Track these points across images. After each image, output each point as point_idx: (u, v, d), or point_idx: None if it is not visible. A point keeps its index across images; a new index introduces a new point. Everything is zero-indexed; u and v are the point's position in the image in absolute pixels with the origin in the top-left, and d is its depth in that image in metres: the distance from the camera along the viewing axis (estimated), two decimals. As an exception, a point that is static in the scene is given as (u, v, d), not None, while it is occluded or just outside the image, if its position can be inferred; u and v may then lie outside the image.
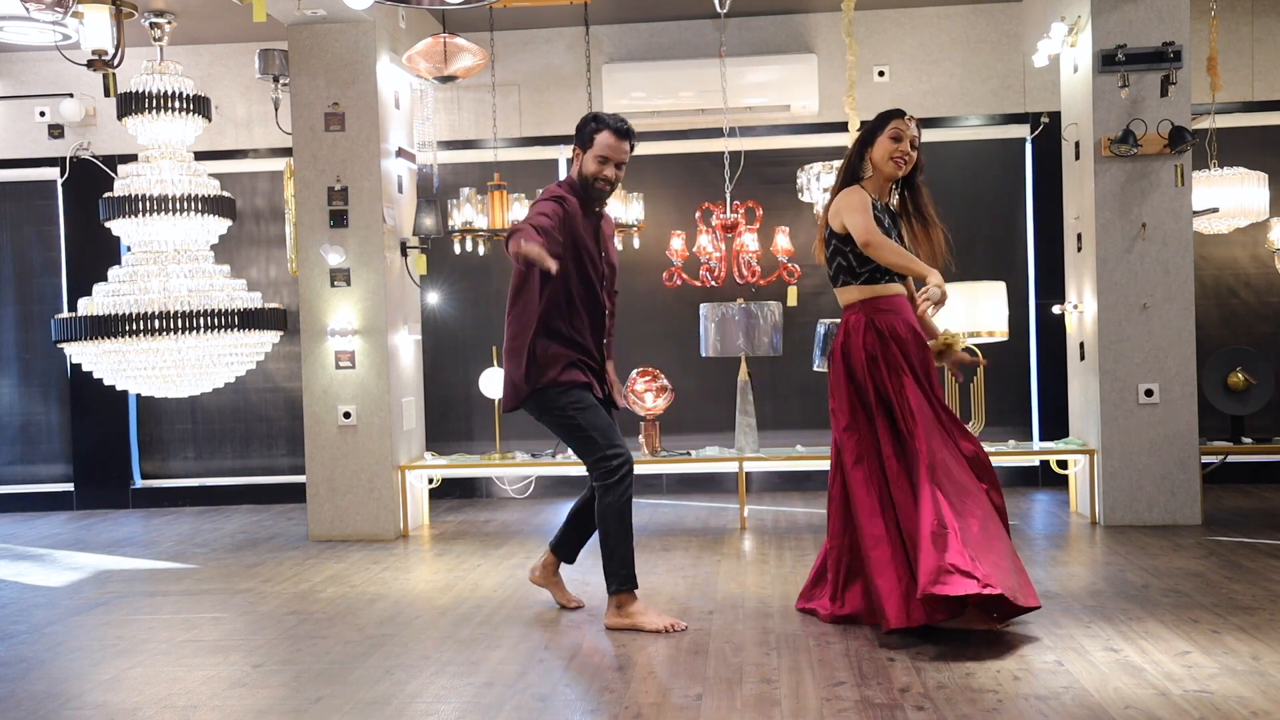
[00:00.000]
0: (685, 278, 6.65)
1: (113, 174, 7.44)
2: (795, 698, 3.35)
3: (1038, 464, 7.49)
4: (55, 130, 7.92)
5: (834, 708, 3.25)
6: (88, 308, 5.99)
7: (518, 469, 7.30)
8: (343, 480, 6.49)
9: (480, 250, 6.87)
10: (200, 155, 6.89)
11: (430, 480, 6.99)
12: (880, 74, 7.57)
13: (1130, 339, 6.06)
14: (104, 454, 8.00)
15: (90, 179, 7.83)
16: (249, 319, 6.05)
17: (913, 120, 4.30)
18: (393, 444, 6.50)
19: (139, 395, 7.82)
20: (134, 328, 5.81)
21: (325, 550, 6.12)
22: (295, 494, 7.76)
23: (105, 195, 6.21)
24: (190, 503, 8.00)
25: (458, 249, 6.97)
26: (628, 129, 4.44)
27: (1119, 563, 5.14)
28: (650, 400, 6.60)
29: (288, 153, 7.43)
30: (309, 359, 6.53)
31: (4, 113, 7.95)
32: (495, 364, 6.88)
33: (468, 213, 6.72)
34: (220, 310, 5.95)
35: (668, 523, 6.63)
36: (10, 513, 7.96)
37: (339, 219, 6.46)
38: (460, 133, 7.75)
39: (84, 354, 6.06)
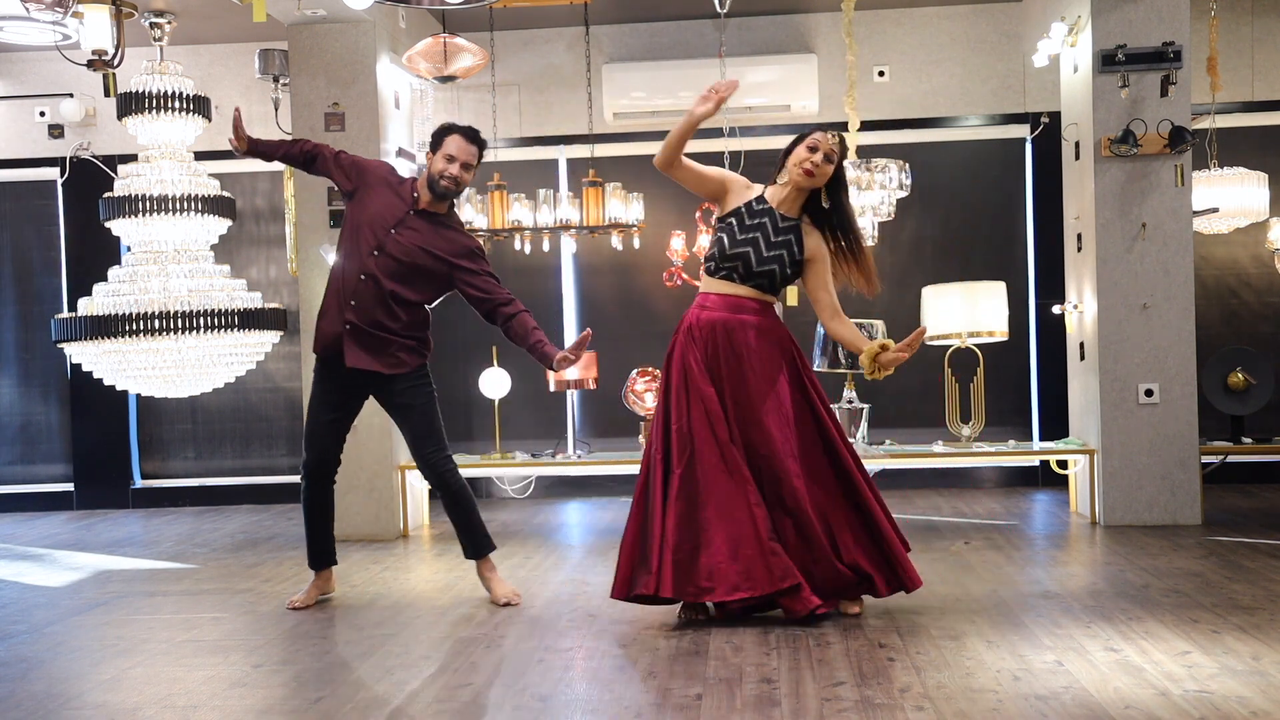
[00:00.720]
0: (685, 278, 6.65)
1: (113, 174, 7.43)
2: (795, 698, 3.35)
3: (1038, 464, 7.49)
4: (55, 130, 7.92)
5: (834, 708, 3.25)
6: (88, 308, 5.99)
7: (518, 469, 7.30)
8: (343, 480, 6.45)
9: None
10: (200, 155, 6.87)
11: (430, 480, 6.99)
12: (880, 74, 7.57)
13: (1130, 339, 6.06)
14: (104, 454, 8.00)
15: (90, 179, 7.83)
16: (249, 319, 6.05)
17: (837, 138, 4.30)
18: (393, 444, 6.50)
19: (139, 395, 7.82)
20: (134, 328, 5.81)
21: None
22: (295, 494, 7.73)
23: (105, 195, 6.21)
24: (190, 503, 8.00)
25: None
26: (477, 135, 4.70)
27: (1119, 563, 5.14)
28: (650, 400, 6.60)
29: (288, 153, 7.42)
30: (309, 359, 6.52)
31: (4, 113, 7.96)
32: (495, 364, 6.88)
33: (468, 213, 6.72)
34: (220, 310, 5.95)
35: (668, 523, 6.62)
36: (10, 513, 7.96)
37: (339, 219, 6.46)
38: (460, 133, 7.74)
39: (84, 354, 6.06)
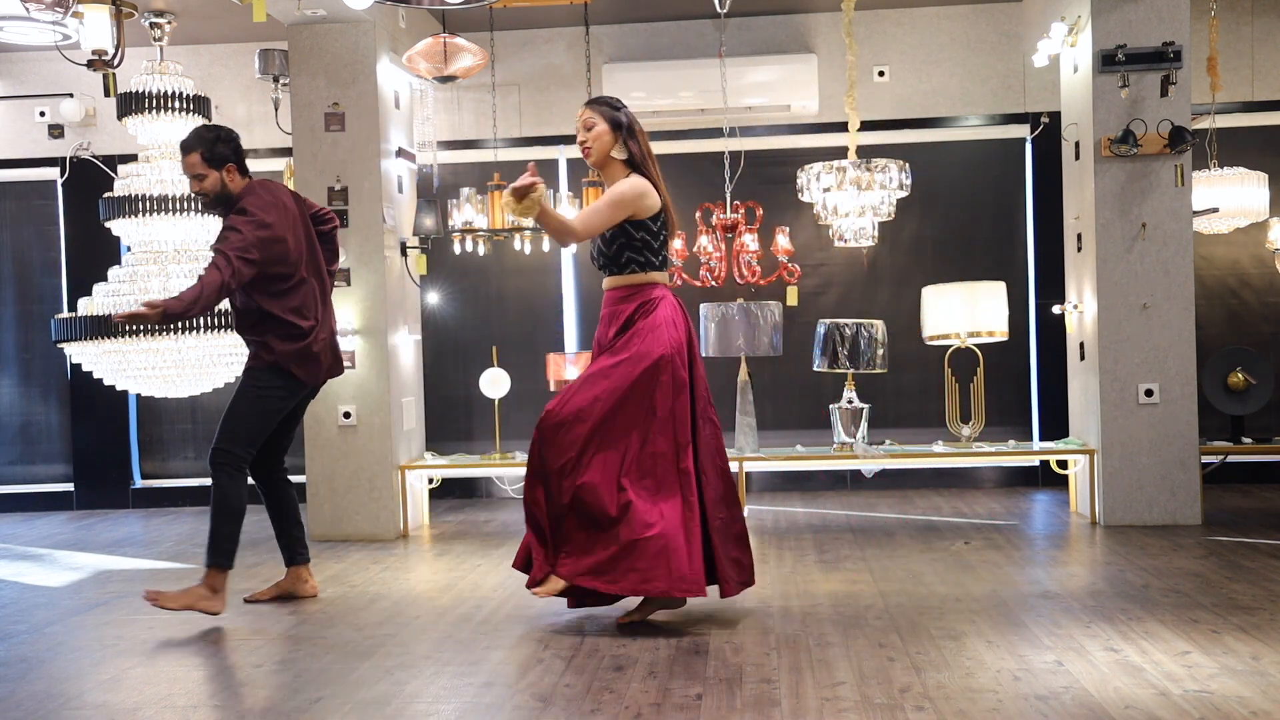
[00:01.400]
0: (685, 278, 6.65)
1: (113, 174, 7.43)
2: (795, 698, 3.35)
3: (1038, 464, 7.49)
4: (55, 130, 7.92)
5: (834, 708, 3.25)
6: (88, 308, 5.99)
7: (518, 469, 7.28)
8: (343, 480, 6.49)
9: (480, 250, 6.87)
10: (200, 155, 6.86)
11: (430, 480, 6.99)
12: (880, 74, 7.57)
13: (1130, 339, 6.06)
14: (104, 454, 8.00)
15: (90, 179, 7.83)
16: (249, 319, 6.04)
17: (584, 110, 4.32)
18: (393, 444, 6.50)
19: (139, 395, 7.82)
20: (134, 328, 5.81)
21: (325, 550, 6.12)
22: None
23: (105, 195, 6.21)
24: (190, 503, 8.00)
25: (458, 249, 6.97)
26: (183, 142, 4.67)
27: (1119, 563, 5.14)
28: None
29: (288, 153, 7.43)
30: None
31: (4, 113, 7.96)
32: (495, 364, 6.89)
33: (468, 213, 6.72)
34: (220, 310, 5.94)
35: (668, 523, 6.62)
36: (10, 513, 7.96)
37: (339, 219, 6.45)
38: (460, 133, 7.75)
39: (84, 354, 6.06)
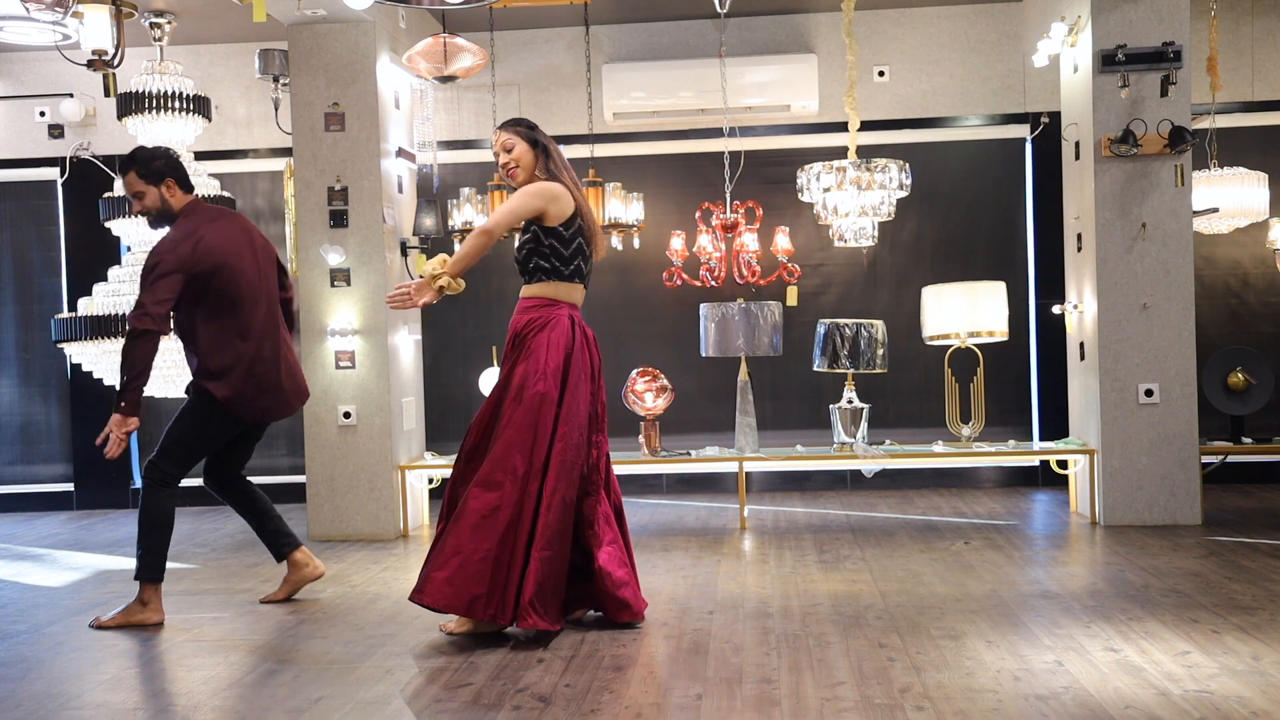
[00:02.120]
0: (685, 278, 6.66)
1: (113, 174, 7.44)
2: (795, 698, 3.35)
3: (1038, 464, 7.49)
4: (55, 130, 7.92)
5: (834, 708, 3.25)
6: (88, 308, 5.99)
7: (518, 469, 7.28)
8: (343, 480, 6.49)
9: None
10: (200, 155, 6.89)
11: (430, 480, 6.99)
12: (880, 74, 7.57)
13: (1130, 339, 6.06)
14: (104, 454, 7.97)
15: (90, 179, 7.83)
16: (249, 319, 6.03)
17: (500, 133, 4.38)
18: (393, 444, 6.50)
19: (139, 395, 7.81)
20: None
21: (325, 550, 6.12)
22: (295, 494, 7.76)
23: (105, 195, 6.21)
24: (190, 503, 7.99)
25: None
26: (122, 164, 4.71)
27: (1119, 563, 5.14)
28: (650, 400, 6.60)
29: (288, 153, 7.43)
30: (309, 359, 6.53)
31: (4, 113, 7.96)
32: (495, 364, 6.88)
33: (468, 213, 6.72)
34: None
35: (668, 523, 6.63)
36: (10, 513, 7.96)
37: (339, 219, 6.46)
38: (460, 133, 7.75)
39: (84, 354, 6.06)
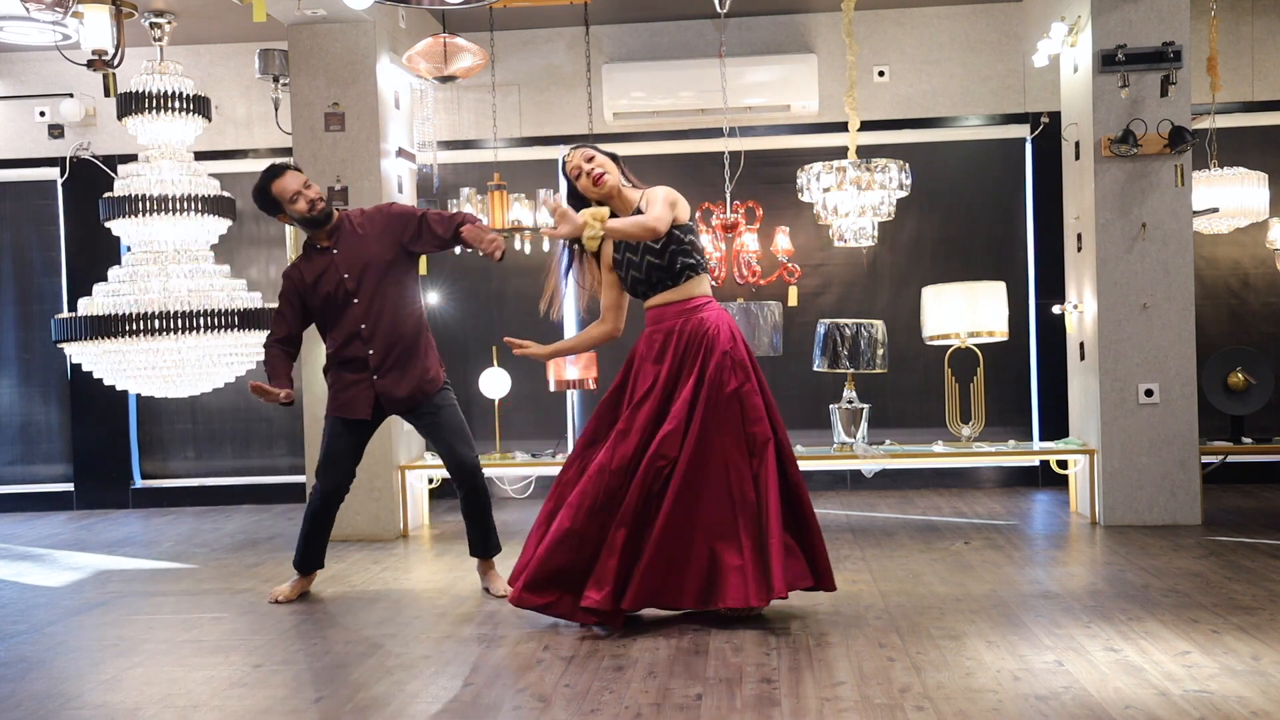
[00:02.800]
0: (685, 278, 6.64)
1: (113, 174, 7.44)
2: (795, 698, 3.35)
3: (1038, 464, 7.49)
4: (55, 130, 7.92)
5: (834, 708, 3.25)
6: (88, 308, 5.99)
7: (518, 469, 7.29)
8: (343, 480, 6.48)
9: (480, 250, 6.85)
10: (200, 155, 6.88)
11: (430, 480, 6.99)
12: (880, 74, 7.57)
13: (1130, 339, 6.06)
14: (104, 454, 8.00)
15: (90, 179, 7.83)
16: (249, 319, 6.05)
17: (575, 153, 4.44)
18: (393, 444, 6.50)
19: (139, 395, 7.82)
20: (134, 328, 5.81)
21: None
22: (295, 494, 7.77)
23: (105, 195, 6.21)
24: (190, 503, 8.00)
25: (458, 249, 6.94)
26: (281, 166, 4.85)
27: (1119, 563, 5.14)
28: (650, 400, 6.59)
29: (288, 153, 7.43)
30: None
31: (4, 113, 7.96)
32: (495, 364, 6.89)
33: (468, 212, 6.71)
34: (220, 310, 5.95)
35: (668, 523, 6.62)
36: (10, 513, 7.96)
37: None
38: (460, 133, 7.75)
39: (84, 354, 6.05)
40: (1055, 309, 6.80)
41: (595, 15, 7.31)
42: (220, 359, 6.09)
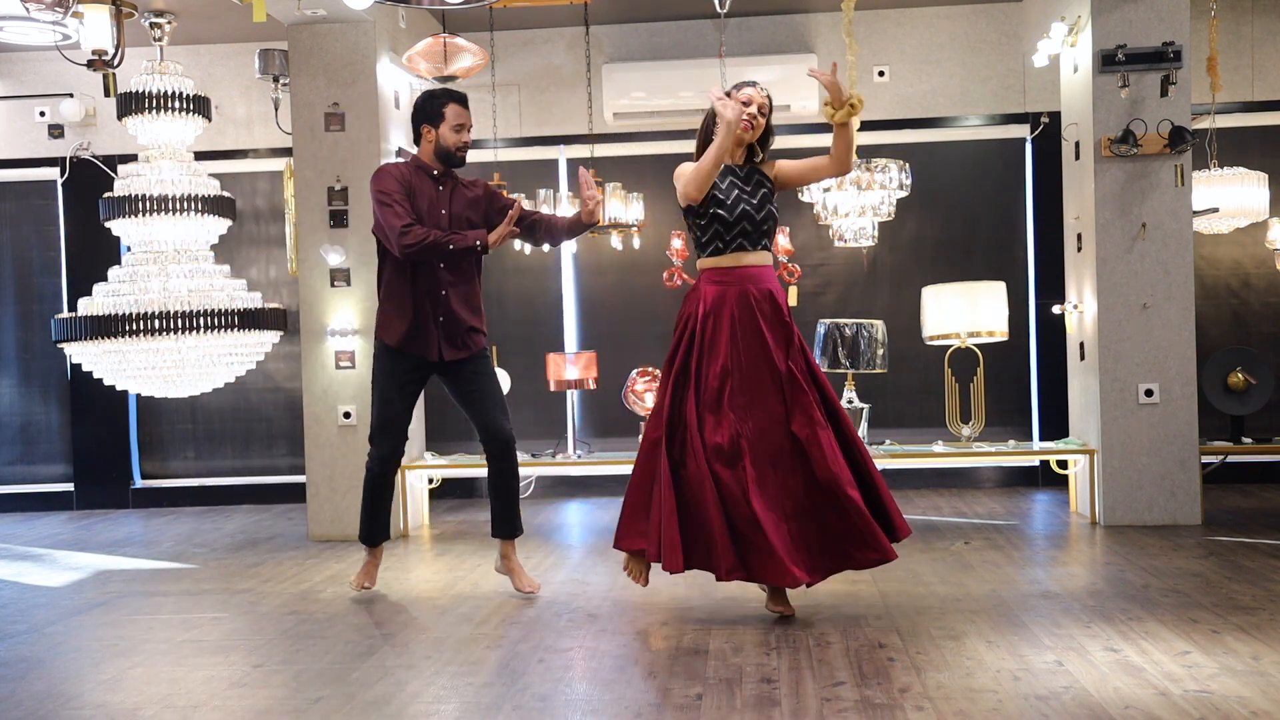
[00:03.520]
0: (685, 278, 6.65)
1: (113, 174, 7.44)
2: (795, 698, 3.35)
3: (1038, 464, 7.49)
4: (55, 130, 7.92)
5: (834, 708, 3.25)
6: (88, 308, 5.99)
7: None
8: (343, 480, 6.49)
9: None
10: (200, 155, 6.88)
11: (430, 480, 6.99)
12: (880, 74, 7.57)
13: (1130, 339, 6.06)
14: (104, 454, 8.00)
15: (90, 179, 7.83)
16: (249, 319, 6.05)
17: (763, 90, 4.64)
18: (393, 444, 6.49)
19: (139, 395, 7.82)
20: (134, 328, 5.81)
21: (325, 550, 6.12)
22: (295, 494, 7.77)
23: (105, 195, 6.21)
24: (190, 503, 8.00)
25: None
26: (465, 96, 4.89)
27: (1119, 563, 5.14)
28: (650, 400, 6.60)
29: (288, 153, 7.44)
30: (309, 359, 6.53)
31: (4, 113, 7.96)
32: (495, 364, 6.87)
33: (468, 213, 6.71)
34: (220, 310, 5.95)
35: (668, 523, 6.62)
36: (10, 513, 7.96)
37: (339, 219, 6.47)
38: (460, 133, 7.74)
39: (84, 354, 6.06)
40: (1055, 309, 6.80)
41: (595, 15, 7.31)
42: (220, 359, 6.09)
